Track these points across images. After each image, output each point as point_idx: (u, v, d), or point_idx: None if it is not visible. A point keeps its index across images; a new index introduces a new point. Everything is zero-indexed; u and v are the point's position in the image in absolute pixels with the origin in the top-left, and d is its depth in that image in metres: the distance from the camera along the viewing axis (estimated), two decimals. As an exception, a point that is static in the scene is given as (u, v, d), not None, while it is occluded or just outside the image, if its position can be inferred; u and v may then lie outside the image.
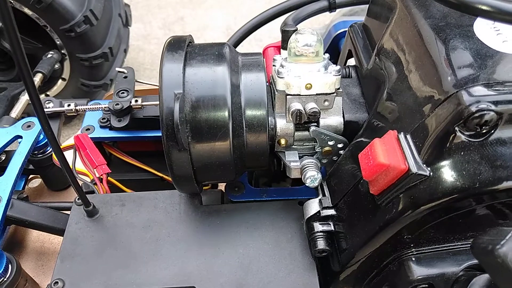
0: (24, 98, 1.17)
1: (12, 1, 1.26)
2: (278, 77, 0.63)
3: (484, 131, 0.45)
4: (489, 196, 0.46)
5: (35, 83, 1.27)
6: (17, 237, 1.01)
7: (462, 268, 0.54)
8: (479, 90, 0.45)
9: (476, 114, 0.44)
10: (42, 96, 1.46)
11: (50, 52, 1.36)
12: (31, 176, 1.08)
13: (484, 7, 0.43)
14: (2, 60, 1.46)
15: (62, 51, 1.38)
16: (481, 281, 0.50)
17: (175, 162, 0.61)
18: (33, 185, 1.13)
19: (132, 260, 0.66)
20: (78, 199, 0.74)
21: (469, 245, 0.54)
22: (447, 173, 0.47)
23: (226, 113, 0.60)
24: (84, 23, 1.30)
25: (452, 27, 0.53)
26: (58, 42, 1.36)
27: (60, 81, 1.46)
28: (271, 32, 2.06)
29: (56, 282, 0.64)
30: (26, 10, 1.28)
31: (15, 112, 1.12)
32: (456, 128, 0.45)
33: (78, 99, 1.00)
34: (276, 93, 0.64)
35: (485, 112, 0.43)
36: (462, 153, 0.46)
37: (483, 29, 0.52)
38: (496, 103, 0.43)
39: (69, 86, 1.48)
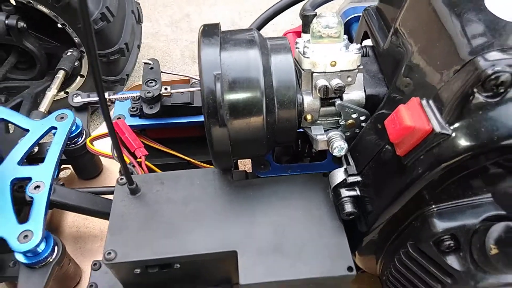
0: (50, 94, 1.23)
1: (31, 1, 1.31)
2: (304, 57, 0.69)
3: (500, 91, 0.50)
4: (505, 150, 0.52)
5: (59, 80, 1.33)
6: (54, 223, 1.07)
7: (481, 219, 0.59)
8: (494, 55, 0.51)
9: (493, 76, 0.49)
10: (62, 93, 1.51)
11: (70, 50, 1.41)
12: (62, 166, 1.14)
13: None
14: (24, 60, 1.51)
15: (81, 49, 1.43)
16: (499, 228, 0.56)
17: (215, 139, 0.67)
18: (63, 175, 1.19)
19: (176, 230, 0.72)
20: (120, 179, 0.80)
21: (486, 199, 0.60)
22: (468, 130, 0.52)
23: (260, 92, 0.66)
24: (101, 20, 1.35)
25: (465, 1, 0.59)
26: (76, 40, 1.41)
27: (78, 78, 1.52)
28: (275, 26, 2.12)
29: (109, 253, 0.70)
30: (44, 9, 1.33)
31: (43, 107, 1.18)
32: (475, 90, 0.51)
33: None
34: (302, 72, 0.70)
35: (501, 73, 0.49)
36: (480, 112, 0.52)
37: (494, 2, 0.57)
38: (510, 65, 0.49)
39: (87, 82, 1.53)
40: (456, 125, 0.53)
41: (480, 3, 0.58)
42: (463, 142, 0.53)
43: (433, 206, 0.62)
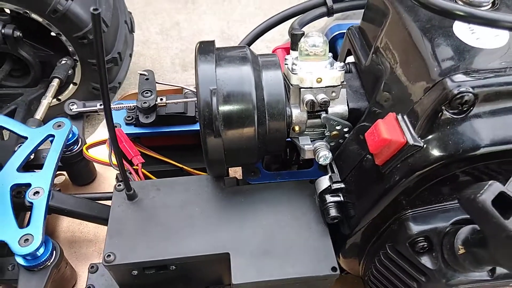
0: (46, 101, 1.26)
1: (27, 11, 1.35)
2: (292, 73, 0.75)
3: (464, 109, 0.57)
4: (470, 160, 0.59)
5: (53, 88, 1.37)
6: (49, 228, 1.10)
7: (451, 222, 0.66)
8: (459, 77, 0.58)
9: (458, 96, 0.56)
10: (54, 100, 1.54)
11: (64, 59, 1.45)
12: (57, 172, 1.17)
13: (460, 13, 0.55)
14: (17, 68, 1.54)
15: (74, 57, 1.47)
16: (466, 231, 0.63)
17: (210, 148, 0.73)
18: (57, 181, 1.22)
19: (172, 234, 0.77)
20: (118, 185, 0.84)
21: (455, 204, 0.67)
22: (437, 143, 0.59)
23: (252, 105, 0.72)
24: (95, 30, 1.39)
25: (436, 28, 0.66)
26: (70, 49, 1.44)
27: (71, 85, 1.55)
28: (264, 36, 2.18)
29: (109, 255, 0.74)
30: (39, 19, 1.37)
31: (38, 114, 1.21)
32: (443, 108, 0.58)
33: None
34: (291, 87, 0.76)
35: (465, 94, 0.56)
36: (448, 127, 0.58)
37: (461, 29, 0.65)
38: (473, 86, 0.56)
39: (80, 90, 1.57)
40: (427, 138, 0.60)
41: (449, 29, 0.65)
42: (434, 153, 0.59)
43: (409, 210, 0.68)
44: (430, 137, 0.60)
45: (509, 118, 0.58)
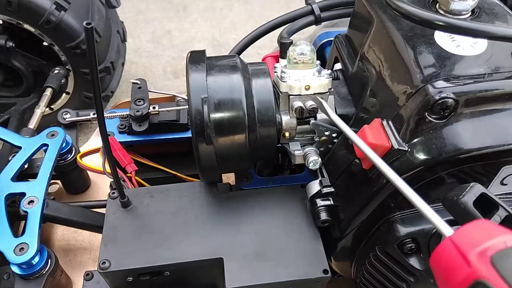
0: (39, 111, 1.27)
1: (21, 22, 1.36)
2: (281, 81, 0.77)
3: (446, 114, 0.60)
4: (453, 163, 0.61)
5: (47, 97, 1.37)
6: (44, 236, 1.11)
7: (437, 223, 0.68)
8: (441, 83, 0.60)
9: (440, 101, 0.59)
10: (47, 109, 1.55)
11: (57, 68, 1.46)
12: (51, 181, 1.18)
13: (440, 23, 0.58)
14: (10, 77, 1.54)
15: (67, 67, 1.48)
16: (451, 231, 0.65)
17: (202, 155, 0.74)
18: (51, 190, 1.22)
19: (166, 240, 0.78)
20: (112, 193, 0.85)
21: (441, 206, 0.69)
22: (421, 147, 0.61)
23: (242, 113, 0.74)
24: (88, 40, 1.40)
25: (418, 36, 0.68)
26: (63, 59, 1.45)
27: (64, 94, 1.56)
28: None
29: (104, 262, 0.75)
30: (32, 29, 1.38)
31: (32, 124, 1.22)
32: (425, 113, 0.60)
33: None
34: (280, 94, 0.78)
35: (446, 99, 0.58)
36: (431, 132, 0.61)
37: (441, 37, 0.67)
38: (454, 92, 0.59)
39: (72, 99, 1.57)
40: (412, 142, 0.62)
41: (430, 37, 0.67)
42: (418, 157, 0.62)
43: (397, 213, 0.70)
44: (414, 141, 0.62)
45: (488, 122, 0.61)
